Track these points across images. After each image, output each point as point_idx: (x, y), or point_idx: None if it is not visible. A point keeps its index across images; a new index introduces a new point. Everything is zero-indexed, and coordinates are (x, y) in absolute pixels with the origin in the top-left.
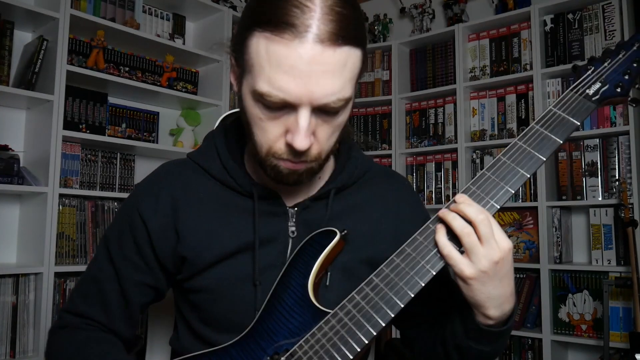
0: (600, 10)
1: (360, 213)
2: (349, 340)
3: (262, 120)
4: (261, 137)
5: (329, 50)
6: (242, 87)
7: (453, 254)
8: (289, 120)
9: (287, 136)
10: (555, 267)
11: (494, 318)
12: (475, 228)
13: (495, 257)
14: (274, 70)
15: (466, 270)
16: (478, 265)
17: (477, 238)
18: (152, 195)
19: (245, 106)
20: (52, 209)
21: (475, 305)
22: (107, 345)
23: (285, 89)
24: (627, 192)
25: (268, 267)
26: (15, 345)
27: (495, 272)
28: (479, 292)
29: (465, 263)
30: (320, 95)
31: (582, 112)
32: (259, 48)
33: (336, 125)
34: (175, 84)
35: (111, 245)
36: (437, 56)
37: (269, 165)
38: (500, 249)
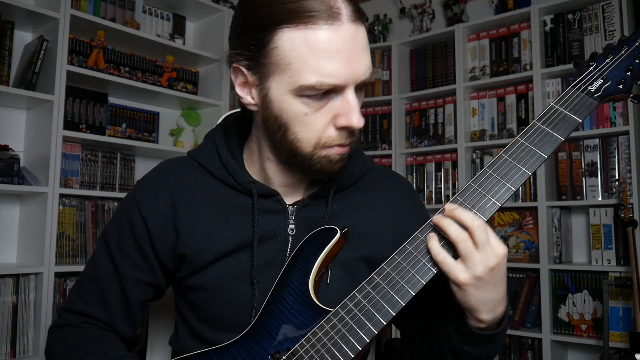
0: (600, 10)
1: (360, 212)
2: (350, 338)
3: (307, 115)
4: (307, 132)
5: (360, 27)
6: (269, 91)
7: (447, 260)
8: (335, 105)
9: (338, 121)
10: (555, 267)
11: (486, 322)
12: (471, 234)
13: (491, 263)
14: (320, 58)
15: (461, 276)
16: (473, 270)
17: (472, 244)
18: (152, 192)
19: (281, 108)
20: (52, 209)
21: (468, 309)
22: (107, 343)
23: (335, 74)
24: (627, 192)
25: (267, 265)
26: (16, 345)
27: (490, 277)
28: (473, 297)
29: (460, 269)
30: (362, 71)
31: (584, 109)
32: (294, 43)
33: (362, 100)
34: (175, 84)
35: (110, 243)
36: (437, 56)
37: (317, 159)
38: (496, 254)
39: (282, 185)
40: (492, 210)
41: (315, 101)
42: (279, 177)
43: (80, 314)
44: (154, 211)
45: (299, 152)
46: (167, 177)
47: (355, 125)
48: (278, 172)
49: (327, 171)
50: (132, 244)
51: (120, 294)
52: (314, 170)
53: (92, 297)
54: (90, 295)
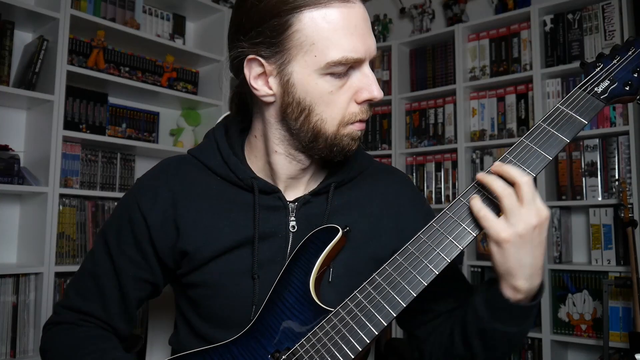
0: (600, 10)
1: (361, 209)
2: (350, 339)
3: (332, 93)
4: (331, 112)
5: (365, 6)
6: (291, 76)
7: (489, 215)
8: (353, 81)
9: (359, 95)
10: (555, 267)
11: (523, 291)
12: (518, 189)
13: (534, 221)
14: (342, 35)
15: (503, 232)
16: (516, 227)
17: (517, 199)
18: (152, 190)
19: (306, 90)
20: (52, 209)
21: (506, 272)
22: (105, 343)
23: (355, 49)
24: (627, 192)
25: (268, 262)
26: (16, 345)
27: (532, 237)
28: (513, 257)
29: (502, 225)
30: (374, 46)
31: (590, 111)
32: (315, 24)
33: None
34: (175, 84)
35: (109, 240)
36: (437, 56)
37: (340, 138)
38: (540, 214)
39: (288, 177)
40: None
41: (338, 79)
42: (285, 170)
43: (78, 311)
44: (154, 209)
45: (322, 133)
46: (168, 174)
47: (377, 96)
48: (285, 164)
49: (347, 150)
50: (131, 242)
51: (118, 291)
52: (335, 151)
53: (90, 294)
54: (88, 292)
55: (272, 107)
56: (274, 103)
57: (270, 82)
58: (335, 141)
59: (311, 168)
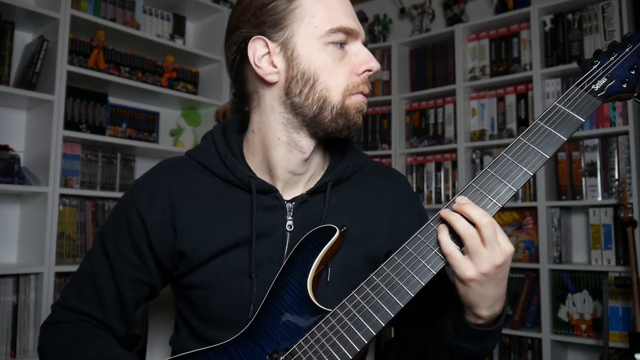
0: (600, 10)
1: (358, 208)
2: (348, 340)
3: (334, 61)
4: (335, 80)
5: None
6: (295, 48)
7: (455, 254)
8: (351, 55)
9: (359, 68)
10: (554, 267)
11: (484, 318)
12: (479, 231)
13: (498, 260)
14: (337, 9)
15: (467, 272)
16: (480, 267)
17: (480, 241)
18: (150, 191)
19: (310, 60)
20: (52, 209)
21: (468, 305)
22: (103, 342)
23: (350, 22)
24: (627, 192)
25: (265, 261)
26: (16, 345)
27: (495, 275)
28: (476, 293)
29: (467, 264)
30: (363, 31)
31: (588, 109)
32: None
33: None
34: (175, 84)
35: (107, 241)
36: (437, 56)
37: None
38: (503, 252)
39: (288, 171)
40: (493, 211)
41: (339, 49)
42: (284, 163)
43: (75, 311)
44: (152, 210)
45: (328, 102)
46: (165, 176)
47: (375, 67)
48: (285, 156)
49: (353, 123)
50: (129, 243)
51: (115, 292)
52: (342, 124)
53: (88, 294)
54: (86, 293)
55: (274, 89)
56: (276, 84)
57: (274, 61)
58: (341, 111)
59: (311, 164)
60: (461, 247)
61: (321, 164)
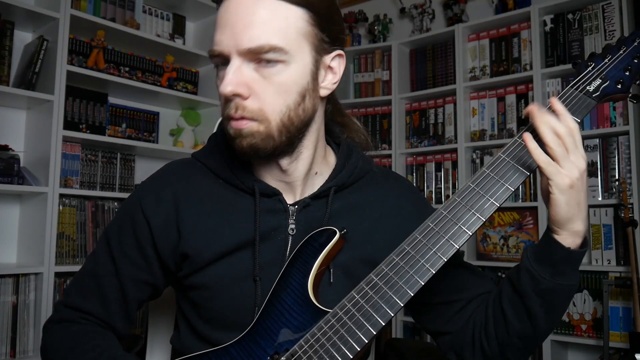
0: (600, 10)
1: (361, 212)
2: (349, 339)
3: (218, 87)
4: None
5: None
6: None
7: (551, 162)
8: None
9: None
10: None
11: (581, 234)
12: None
13: (582, 165)
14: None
15: (566, 178)
16: (571, 173)
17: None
18: (155, 193)
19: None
20: (52, 209)
21: (568, 219)
22: (106, 341)
23: (219, 41)
24: (627, 192)
25: (267, 264)
26: (16, 345)
27: (582, 179)
28: (574, 202)
29: (562, 172)
30: (244, 40)
31: (583, 109)
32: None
33: (279, 84)
34: (175, 84)
35: (112, 241)
36: (437, 56)
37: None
38: (583, 157)
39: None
40: (491, 210)
41: (219, 71)
42: (267, 172)
43: (78, 310)
44: (157, 211)
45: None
46: (171, 177)
47: (222, 91)
48: (264, 166)
49: (236, 149)
50: (134, 244)
51: (118, 292)
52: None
53: (91, 293)
54: (89, 292)
55: None
56: None
57: None
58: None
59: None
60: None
61: (327, 165)
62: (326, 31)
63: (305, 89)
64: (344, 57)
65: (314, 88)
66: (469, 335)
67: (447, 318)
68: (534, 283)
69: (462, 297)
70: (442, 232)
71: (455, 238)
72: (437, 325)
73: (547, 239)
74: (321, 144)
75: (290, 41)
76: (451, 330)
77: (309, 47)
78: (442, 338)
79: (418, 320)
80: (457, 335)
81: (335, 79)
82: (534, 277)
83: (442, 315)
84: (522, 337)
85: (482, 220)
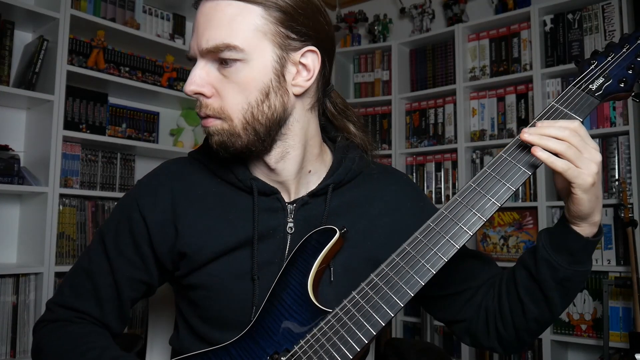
0: (600, 10)
1: (359, 209)
2: (349, 340)
3: None
4: None
5: (215, 2)
6: None
7: (571, 165)
8: None
9: None
10: None
11: (598, 223)
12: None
13: (597, 157)
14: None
15: (588, 178)
16: (589, 170)
17: (576, 149)
18: (152, 191)
19: None
20: (52, 209)
21: (590, 213)
22: (102, 341)
23: (191, 45)
24: (627, 192)
25: (266, 263)
26: (16, 345)
27: (599, 172)
28: (594, 197)
29: (583, 172)
30: (203, 41)
31: (585, 108)
32: None
33: (238, 82)
34: (175, 84)
35: (107, 239)
36: (437, 56)
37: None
38: (595, 148)
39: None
40: (492, 210)
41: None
42: (259, 170)
43: (72, 309)
44: (154, 210)
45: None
46: (168, 176)
47: (184, 90)
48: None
49: (212, 148)
50: (130, 242)
51: (114, 290)
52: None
53: (85, 292)
54: (83, 290)
55: None
56: None
57: None
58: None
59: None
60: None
61: (323, 163)
62: (293, 28)
63: (268, 86)
64: (317, 53)
65: (280, 86)
66: (482, 321)
67: (458, 307)
68: (552, 272)
69: (471, 286)
70: (442, 232)
71: (455, 238)
72: (448, 315)
73: (564, 229)
74: (313, 143)
75: (247, 40)
76: (464, 318)
77: (270, 45)
78: (455, 326)
79: (429, 311)
80: (470, 322)
81: (308, 76)
82: (552, 267)
83: (452, 305)
84: (539, 321)
85: (483, 220)
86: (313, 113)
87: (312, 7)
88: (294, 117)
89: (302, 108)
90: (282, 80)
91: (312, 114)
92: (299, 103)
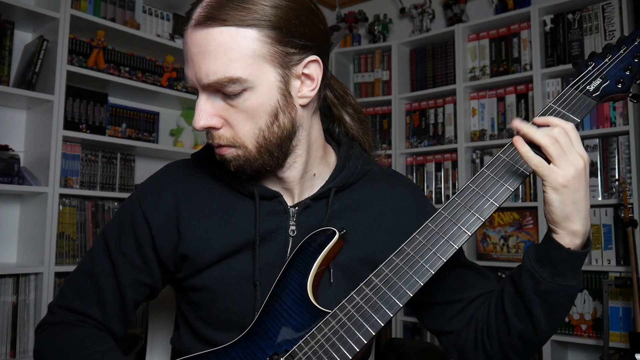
0: (600, 10)
1: (360, 212)
2: (348, 340)
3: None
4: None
5: (204, 30)
6: None
7: (544, 163)
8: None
9: None
10: None
11: (580, 234)
12: (555, 139)
13: (580, 164)
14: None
15: (560, 178)
16: (567, 172)
17: (559, 147)
18: (155, 194)
19: None
20: (52, 209)
21: (564, 219)
22: (104, 345)
23: (189, 76)
24: (627, 192)
25: (267, 266)
26: (16, 345)
27: (581, 179)
28: (570, 201)
29: (557, 171)
30: (202, 75)
31: (583, 109)
32: None
33: (246, 110)
34: (175, 84)
35: (110, 241)
36: (437, 56)
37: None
38: (583, 156)
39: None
40: (490, 210)
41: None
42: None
43: (75, 312)
44: (157, 212)
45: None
46: (171, 178)
47: (194, 126)
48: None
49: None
50: (133, 245)
51: (117, 293)
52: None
53: (88, 294)
54: (86, 293)
55: None
56: None
57: None
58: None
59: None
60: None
61: (326, 165)
62: (291, 43)
63: (276, 107)
64: (319, 62)
65: (287, 103)
66: (471, 335)
67: (449, 317)
68: (534, 283)
69: (464, 297)
70: (441, 233)
71: (454, 238)
72: (438, 325)
73: (547, 239)
74: (316, 146)
75: (248, 68)
76: (453, 330)
77: (272, 67)
78: (444, 337)
79: (420, 318)
80: (459, 335)
81: (313, 86)
82: (534, 278)
83: (443, 314)
84: (523, 338)
85: (482, 220)
86: (316, 114)
87: (305, 10)
88: (302, 127)
89: (308, 115)
90: (289, 97)
91: (315, 116)
92: (305, 112)
